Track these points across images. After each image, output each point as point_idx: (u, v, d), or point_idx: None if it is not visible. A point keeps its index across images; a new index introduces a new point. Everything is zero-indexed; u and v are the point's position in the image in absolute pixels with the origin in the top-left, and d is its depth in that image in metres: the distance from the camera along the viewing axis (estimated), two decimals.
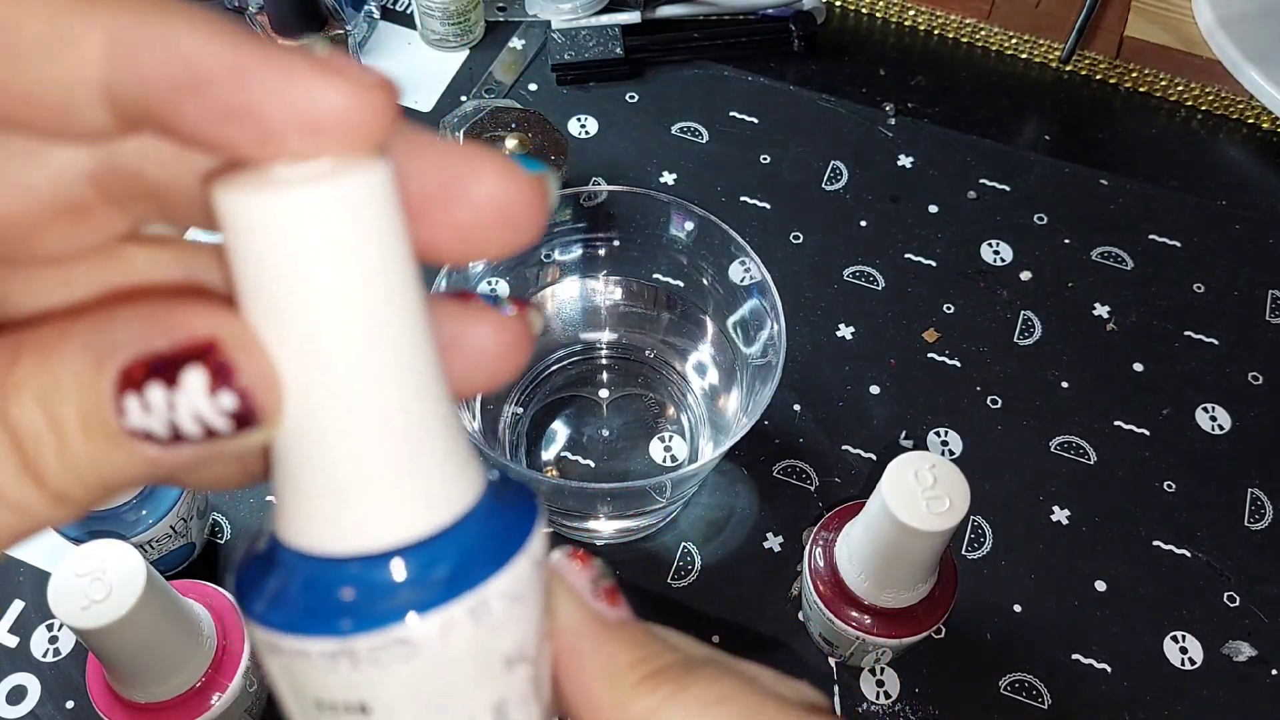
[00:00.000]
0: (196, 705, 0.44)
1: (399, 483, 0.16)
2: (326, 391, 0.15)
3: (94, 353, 0.14)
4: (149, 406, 0.14)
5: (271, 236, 0.14)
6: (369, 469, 0.16)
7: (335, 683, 0.16)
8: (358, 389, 0.15)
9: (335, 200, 0.14)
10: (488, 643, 0.16)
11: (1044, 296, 0.65)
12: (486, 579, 0.16)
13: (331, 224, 0.14)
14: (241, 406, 0.14)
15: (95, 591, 0.39)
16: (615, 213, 0.56)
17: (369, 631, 0.16)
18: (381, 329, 0.15)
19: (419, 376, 0.16)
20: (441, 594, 0.16)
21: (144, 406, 0.14)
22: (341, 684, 0.16)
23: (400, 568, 0.16)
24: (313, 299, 0.15)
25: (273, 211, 0.14)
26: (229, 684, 0.45)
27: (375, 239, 0.15)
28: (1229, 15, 0.75)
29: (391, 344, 0.15)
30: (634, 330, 0.60)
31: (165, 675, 0.44)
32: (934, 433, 0.60)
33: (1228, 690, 0.53)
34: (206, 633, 0.45)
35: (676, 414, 0.59)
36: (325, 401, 0.15)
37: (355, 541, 0.16)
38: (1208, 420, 0.61)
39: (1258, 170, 0.72)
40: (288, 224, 0.14)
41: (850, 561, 0.47)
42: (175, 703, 0.44)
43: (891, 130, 0.72)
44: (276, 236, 0.14)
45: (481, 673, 0.16)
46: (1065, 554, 0.57)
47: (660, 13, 0.75)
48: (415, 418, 0.16)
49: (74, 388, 0.14)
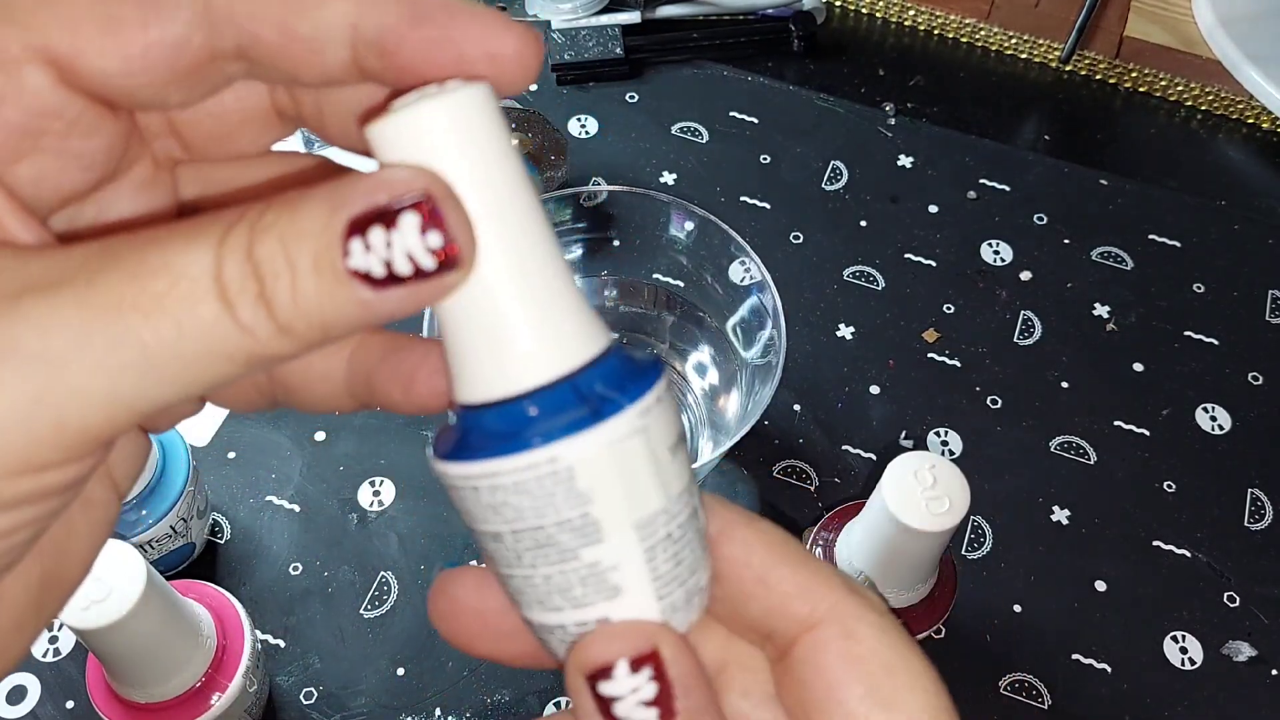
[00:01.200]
0: (196, 705, 0.44)
1: (564, 322, 0.20)
2: (504, 249, 0.19)
3: (329, 204, 0.17)
4: (370, 246, 0.17)
5: (449, 128, 0.18)
6: (541, 311, 0.19)
7: (564, 498, 0.19)
8: (524, 247, 0.19)
9: (481, 99, 0.19)
10: (657, 430, 0.20)
11: (1044, 296, 0.65)
12: (650, 385, 0.20)
13: (482, 115, 0.19)
14: (446, 246, 0.18)
15: (95, 591, 0.39)
16: (615, 213, 0.56)
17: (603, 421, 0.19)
18: (527, 196, 0.19)
19: (552, 239, 0.20)
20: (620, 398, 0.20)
21: (366, 247, 0.17)
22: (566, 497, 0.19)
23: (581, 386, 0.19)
24: (479, 172, 0.19)
25: (450, 107, 0.18)
26: (229, 684, 0.45)
27: (501, 128, 0.19)
28: (1229, 15, 0.75)
29: (535, 208, 0.19)
30: (634, 330, 0.60)
31: (165, 675, 0.44)
32: (934, 433, 0.60)
33: (1228, 690, 0.53)
34: (206, 633, 0.45)
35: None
36: (502, 259, 0.19)
37: (558, 367, 0.19)
38: (1208, 420, 0.61)
39: (1258, 170, 0.72)
40: (457, 117, 0.18)
41: (850, 562, 0.47)
42: (175, 703, 0.44)
43: (891, 130, 0.72)
44: (453, 127, 0.18)
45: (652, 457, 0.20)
46: (1065, 554, 0.57)
47: (660, 13, 0.75)
48: (561, 272, 0.20)
49: (311, 232, 0.17)
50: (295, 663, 0.52)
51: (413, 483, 0.57)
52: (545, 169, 0.62)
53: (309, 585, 0.55)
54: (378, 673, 0.52)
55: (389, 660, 0.53)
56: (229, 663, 0.45)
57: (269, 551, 0.55)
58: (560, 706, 0.52)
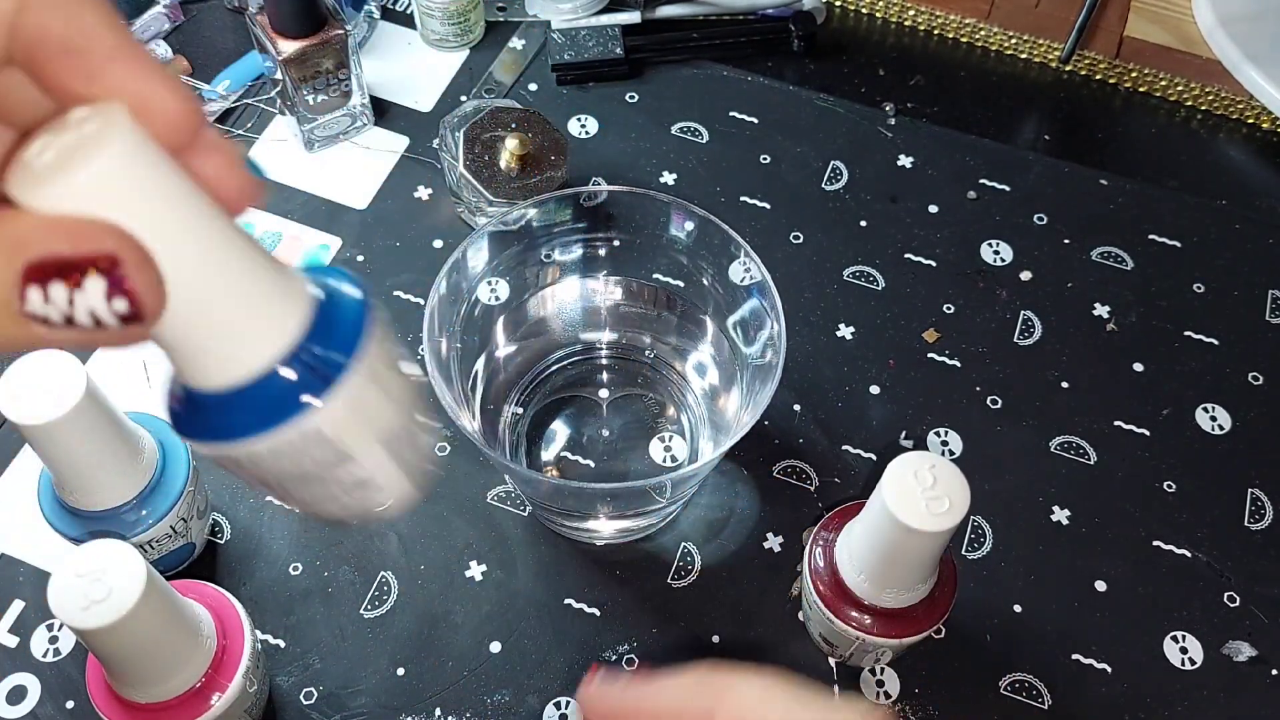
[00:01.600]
0: (196, 705, 0.44)
1: (271, 303, 0.22)
2: (190, 277, 0.20)
3: (7, 250, 0.17)
4: (50, 299, 0.18)
5: (123, 175, 0.19)
6: (240, 320, 0.22)
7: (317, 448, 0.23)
8: (214, 259, 0.21)
9: (137, 137, 0.19)
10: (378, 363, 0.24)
11: (1044, 296, 0.65)
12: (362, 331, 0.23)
13: (146, 152, 0.20)
14: (131, 310, 0.18)
15: (95, 592, 0.39)
16: (615, 213, 0.56)
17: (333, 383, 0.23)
18: (202, 207, 0.21)
19: (236, 235, 0.22)
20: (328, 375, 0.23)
21: (45, 299, 0.18)
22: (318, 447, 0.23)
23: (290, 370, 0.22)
24: (158, 210, 0.20)
25: (119, 156, 0.19)
26: (229, 684, 0.45)
27: (158, 152, 0.20)
28: (1229, 15, 0.75)
29: (214, 216, 0.21)
30: (634, 330, 0.60)
31: (165, 675, 0.44)
32: (934, 433, 0.60)
33: (1228, 690, 0.53)
34: (206, 633, 0.45)
35: (676, 414, 0.59)
36: (191, 284, 0.20)
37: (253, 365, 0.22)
38: (1208, 420, 0.61)
39: (1258, 170, 0.72)
40: (127, 164, 0.19)
41: (850, 561, 0.47)
42: (175, 703, 0.44)
43: (891, 130, 0.72)
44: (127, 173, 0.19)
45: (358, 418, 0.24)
46: (1065, 554, 0.57)
47: (660, 13, 0.75)
48: (255, 262, 0.22)
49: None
50: (295, 663, 0.52)
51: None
52: (545, 169, 0.62)
53: (309, 585, 0.55)
54: (378, 673, 0.52)
55: (389, 660, 0.53)
56: (229, 663, 0.45)
57: (269, 551, 0.55)
58: (560, 707, 0.52)
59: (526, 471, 0.55)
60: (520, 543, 0.56)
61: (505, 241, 0.55)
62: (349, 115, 0.68)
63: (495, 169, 0.62)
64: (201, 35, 0.74)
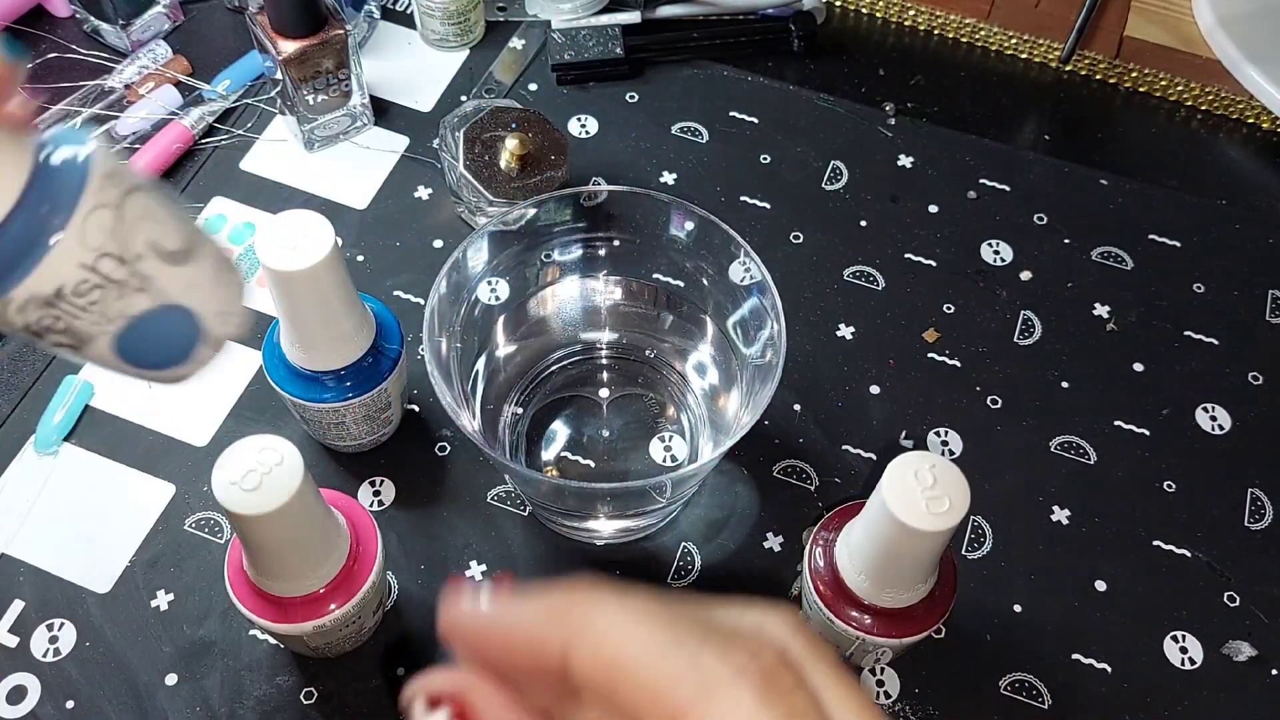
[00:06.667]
0: (319, 608, 0.46)
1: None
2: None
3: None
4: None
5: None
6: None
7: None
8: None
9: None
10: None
11: (1044, 296, 0.65)
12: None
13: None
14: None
15: (251, 482, 0.41)
16: (615, 213, 0.56)
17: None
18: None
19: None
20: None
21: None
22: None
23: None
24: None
25: None
26: (358, 590, 0.47)
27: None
28: (1229, 15, 0.75)
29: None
30: (634, 330, 0.60)
31: (302, 573, 0.45)
32: (934, 433, 0.60)
33: (1228, 690, 0.53)
34: (342, 543, 0.47)
35: (676, 414, 0.59)
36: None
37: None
38: (1208, 420, 0.61)
39: (1258, 170, 0.72)
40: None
41: (850, 561, 0.47)
42: (309, 598, 0.46)
43: (891, 130, 0.72)
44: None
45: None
46: (1065, 554, 0.57)
47: (660, 13, 0.76)
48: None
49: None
50: (295, 662, 0.52)
51: (413, 483, 0.57)
52: (545, 169, 0.62)
53: None
54: (378, 673, 0.52)
55: (389, 660, 0.53)
56: (360, 571, 0.47)
57: None
58: None
59: (526, 471, 0.55)
60: (520, 543, 0.56)
61: (505, 241, 0.55)
62: (349, 115, 0.68)
63: (495, 169, 0.62)
64: (201, 35, 0.74)
